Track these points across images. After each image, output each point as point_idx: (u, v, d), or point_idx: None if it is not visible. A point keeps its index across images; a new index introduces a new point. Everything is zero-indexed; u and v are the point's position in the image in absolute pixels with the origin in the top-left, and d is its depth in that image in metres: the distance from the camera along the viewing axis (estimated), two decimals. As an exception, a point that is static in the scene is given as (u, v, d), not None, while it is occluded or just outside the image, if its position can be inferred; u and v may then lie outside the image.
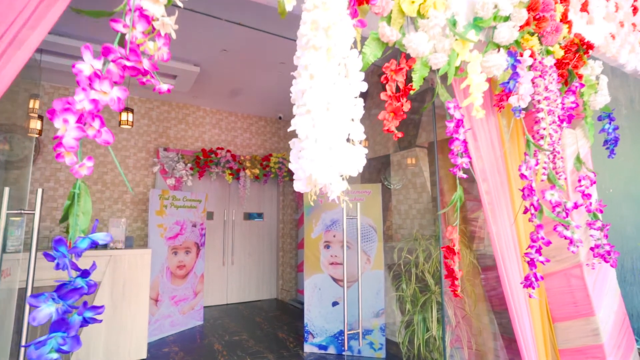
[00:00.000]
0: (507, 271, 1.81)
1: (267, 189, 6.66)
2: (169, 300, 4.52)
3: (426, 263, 2.24)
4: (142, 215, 5.36)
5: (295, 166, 0.94)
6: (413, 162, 3.75)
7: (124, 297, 3.61)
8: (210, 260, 6.01)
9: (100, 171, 5.17)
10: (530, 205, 1.36)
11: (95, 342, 3.39)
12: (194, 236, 4.90)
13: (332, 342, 3.96)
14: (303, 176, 0.90)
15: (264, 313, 5.45)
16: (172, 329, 4.52)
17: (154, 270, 4.35)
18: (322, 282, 4.06)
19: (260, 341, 4.18)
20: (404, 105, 1.17)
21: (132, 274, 3.68)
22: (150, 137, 5.59)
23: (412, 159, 3.76)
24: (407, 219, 3.84)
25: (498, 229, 1.82)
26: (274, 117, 6.74)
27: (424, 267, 2.23)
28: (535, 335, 1.88)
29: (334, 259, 4.06)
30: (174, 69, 4.37)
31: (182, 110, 5.91)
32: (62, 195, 4.87)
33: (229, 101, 5.90)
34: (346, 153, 0.94)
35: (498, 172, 1.88)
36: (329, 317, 4.00)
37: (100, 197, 5.13)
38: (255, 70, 4.69)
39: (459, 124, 1.37)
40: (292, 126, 0.98)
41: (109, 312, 3.50)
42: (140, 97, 5.56)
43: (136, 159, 5.44)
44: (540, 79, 1.52)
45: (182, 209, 4.75)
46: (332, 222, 4.11)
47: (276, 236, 6.69)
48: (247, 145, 6.45)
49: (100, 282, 3.50)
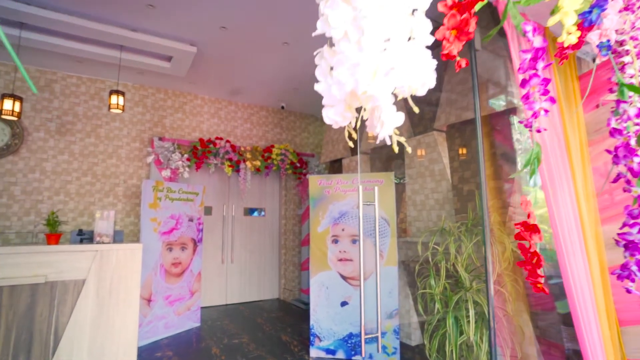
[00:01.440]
0: (569, 261, 1.46)
1: (268, 183, 6.31)
2: (163, 300, 4.17)
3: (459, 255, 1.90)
4: (135, 210, 5.02)
5: (324, 85, 0.59)
6: (430, 148, 3.40)
7: (111, 297, 3.26)
8: (209, 258, 5.66)
9: (89, 162, 4.82)
10: (628, 170, 1.01)
11: (78, 347, 3.04)
12: (191, 231, 4.56)
13: (340, 345, 3.61)
14: (339, 95, 0.55)
15: (266, 314, 5.10)
16: (167, 331, 4.17)
17: (146, 268, 4.00)
18: (330, 280, 3.71)
19: (262, 344, 3.83)
20: (470, 22, 0.82)
21: (121, 271, 3.34)
22: (145, 126, 5.25)
23: (429, 144, 3.41)
24: (423, 211, 3.49)
25: (559, 209, 1.47)
26: (276, 107, 6.40)
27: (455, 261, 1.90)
28: (604, 342, 1.53)
29: (343, 255, 3.71)
30: (169, 49, 4.03)
31: (179, 99, 5.56)
32: (48, 188, 4.53)
33: (229, 89, 5.55)
34: (407, 55, 0.59)
35: (557, 140, 1.53)
36: (337, 319, 3.65)
37: (89, 189, 4.78)
38: (256, 52, 4.34)
39: (539, 55, 1.01)
40: (318, 29, 0.63)
41: (93, 313, 3.15)
42: (133, 84, 5.22)
43: (129, 149, 5.10)
44: (628, 13, 1.18)
45: (177, 202, 4.40)
46: (340, 215, 3.77)
47: (278, 233, 6.34)
48: (248, 136, 6.10)
49: (84, 279, 3.16)
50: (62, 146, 4.67)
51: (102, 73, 4.81)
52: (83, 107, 4.85)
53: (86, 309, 3.15)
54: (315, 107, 6.40)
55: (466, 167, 3.13)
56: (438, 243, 2.52)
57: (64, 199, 4.61)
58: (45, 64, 4.53)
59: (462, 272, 1.85)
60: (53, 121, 4.64)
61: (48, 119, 4.61)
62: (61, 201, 4.59)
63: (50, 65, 4.54)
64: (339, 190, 3.80)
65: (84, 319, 3.11)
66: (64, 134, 4.69)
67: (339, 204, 3.80)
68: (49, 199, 4.52)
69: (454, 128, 3.30)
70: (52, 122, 4.63)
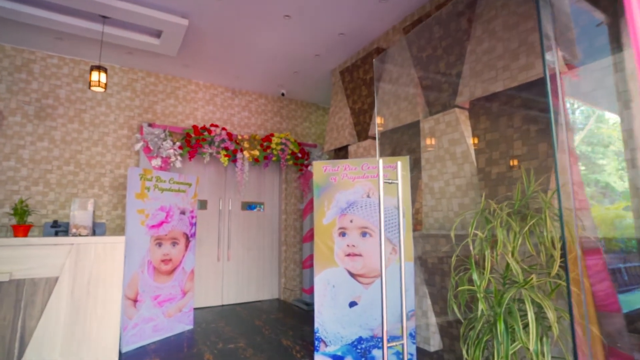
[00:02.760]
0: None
1: (267, 175, 5.91)
2: (151, 301, 3.76)
3: (508, 243, 1.51)
4: (122, 202, 4.61)
5: None
6: (451, 127, 3.00)
7: (89, 297, 2.85)
8: (204, 255, 5.26)
9: (72, 149, 4.41)
10: None
11: (48, 355, 2.63)
12: (183, 225, 4.15)
13: (349, 351, 3.21)
14: None
15: (265, 315, 4.70)
16: (155, 335, 3.77)
17: (132, 265, 3.60)
18: (337, 278, 3.31)
19: (260, 350, 3.43)
20: None
21: (101, 267, 2.93)
22: (134, 112, 4.84)
23: (450, 123, 3.02)
24: (442, 199, 3.10)
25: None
26: (275, 94, 5.99)
27: (504, 250, 1.51)
28: None
29: (352, 250, 3.32)
30: (158, 22, 3.63)
31: (171, 83, 5.16)
32: (26, 177, 4.11)
33: (225, 74, 5.15)
34: None
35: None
36: (345, 321, 3.26)
37: (72, 180, 4.37)
38: (254, 27, 3.94)
39: None
40: None
41: (67, 316, 2.74)
42: (121, 66, 4.81)
43: (116, 137, 4.69)
44: None
45: (168, 193, 4.00)
46: (348, 205, 3.37)
47: (278, 228, 5.94)
48: (246, 124, 5.70)
49: (57, 277, 2.75)
50: (42, 132, 4.26)
51: (86, 53, 4.40)
52: (65, 90, 4.44)
53: (59, 311, 2.74)
54: (318, 94, 6.00)
55: (494, 146, 2.73)
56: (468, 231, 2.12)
57: (43, 189, 4.20)
58: (22, 41, 4.12)
59: (514, 264, 1.46)
60: (31, 104, 4.23)
61: (26, 102, 4.20)
62: (40, 192, 4.18)
63: (27, 42, 4.13)
64: (347, 177, 3.40)
65: (55, 323, 2.70)
66: (43, 118, 4.28)
67: (347, 193, 3.40)
68: (26, 189, 4.11)
69: (479, 104, 2.90)
70: (31, 105, 4.22)
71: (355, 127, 4.44)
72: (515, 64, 2.55)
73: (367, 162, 3.37)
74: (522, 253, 1.63)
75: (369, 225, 3.31)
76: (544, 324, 1.44)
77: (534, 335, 1.28)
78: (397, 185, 1.79)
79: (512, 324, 1.41)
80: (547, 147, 2.40)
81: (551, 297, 1.45)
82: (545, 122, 2.40)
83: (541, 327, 1.38)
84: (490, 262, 1.57)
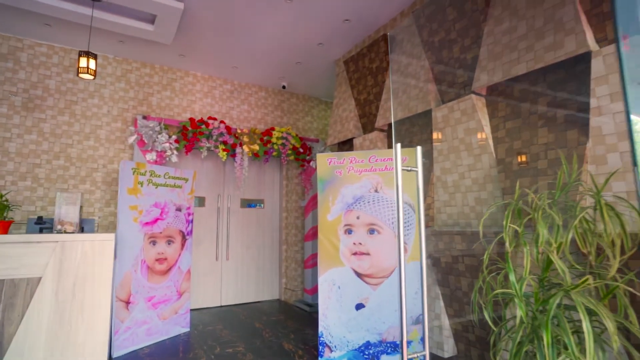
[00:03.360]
0: None
1: (268, 172, 5.69)
2: (145, 303, 3.54)
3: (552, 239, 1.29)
4: (116, 198, 4.39)
5: None
6: (467, 116, 2.78)
7: (75, 299, 2.63)
8: (201, 254, 5.03)
9: (63, 143, 4.19)
10: None
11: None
12: (179, 222, 3.93)
13: (356, 357, 2.99)
14: None
15: (265, 317, 4.48)
16: (149, 339, 3.54)
17: (124, 264, 3.37)
18: (343, 278, 3.09)
19: (260, 354, 3.21)
20: None
21: (88, 267, 2.71)
22: (128, 105, 4.62)
23: (466, 111, 2.79)
24: (456, 194, 2.87)
25: None
26: (276, 87, 5.77)
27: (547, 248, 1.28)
28: None
29: (358, 248, 3.09)
30: (152, 5, 3.40)
31: (167, 75, 4.93)
32: (12, 172, 3.89)
33: (224, 65, 4.92)
34: None
35: None
36: (351, 325, 3.04)
37: (62, 174, 4.15)
38: (254, 11, 3.72)
39: None
40: None
41: (50, 320, 2.52)
42: (115, 56, 4.59)
43: (110, 130, 4.47)
44: None
45: (163, 188, 3.77)
46: (354, 200, 3.15)
47: (279, 226, 5.71)
48: (245, 118, 5.47)
49: (40, 277, 2.53)
50: (30, 124, 4.04)
51: (77, 41, 4.18)
52: (55, 80, 4.21)
53: (41, 314, 2.51)
54: (320, 88, 5.78)
55: (516, 135, 2.51)
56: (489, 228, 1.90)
57: (31, 185, 3.97)
58: (8, 28, 3.89)
59: (560, 264, 1.24)
60: (19, 95, 4.00)
61: (12, 92, 3.98)
62: (28, 187, 3.96)
63: (13, 29, 3.91)
64: (353, 170, 3.18)
65: (37, 328, 2.46)
66: (32, 110, 4.06)
67: (353, 187, 3.18)
68: (13, 184, 3.88)
69: (498, 90, 2.68)
70: (18, 96, 4.00)
71: (360, 119, 4.21)
72: (539, 43, 2.33)
73: (375, 154, 3.15)
74: (561, 251, 1.41)
75: (377, 221, 3.08)
76: (598, 336, 1.22)
77: (591, 350, 1.06)
78: (417, 173, 1.57)
79: (559, 334, 1.19)
80: (578, 134, 2.17)
81: (604, 303, 1.23)
82: (576, 107, 2.17)
83: (597, 340, 1.16)
84: (530, 261, 1.35)
